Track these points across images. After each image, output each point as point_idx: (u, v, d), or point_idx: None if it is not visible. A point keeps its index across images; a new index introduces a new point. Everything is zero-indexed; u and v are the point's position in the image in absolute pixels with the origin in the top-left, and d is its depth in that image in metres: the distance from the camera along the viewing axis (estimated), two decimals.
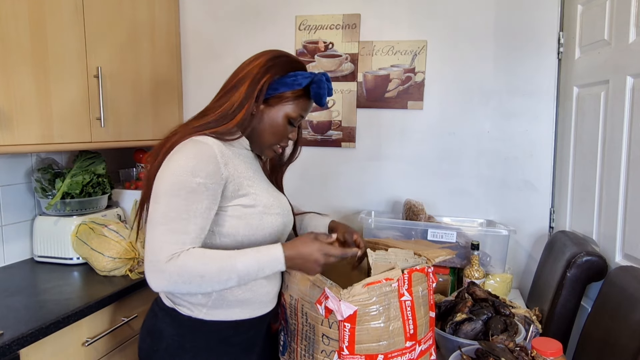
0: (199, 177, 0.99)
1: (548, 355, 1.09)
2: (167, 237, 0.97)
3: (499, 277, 1.77)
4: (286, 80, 1.11)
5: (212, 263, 0.98)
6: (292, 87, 1.11)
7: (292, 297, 1.17)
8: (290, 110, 1.13)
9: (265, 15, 2.25)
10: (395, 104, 2.14)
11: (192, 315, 1.10)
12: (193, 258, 0.97)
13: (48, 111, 1.55)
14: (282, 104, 1.12)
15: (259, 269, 1.00)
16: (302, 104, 1.14)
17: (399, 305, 1.05)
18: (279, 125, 1.13)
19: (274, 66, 1.11)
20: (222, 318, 1.11)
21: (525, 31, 2.00)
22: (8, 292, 1.45)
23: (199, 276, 0.97)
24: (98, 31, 1.74)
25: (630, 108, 1.46)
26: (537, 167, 2.04)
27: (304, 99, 1.14)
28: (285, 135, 1.16)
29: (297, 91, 1.12)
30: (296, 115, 1.14)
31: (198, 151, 1.01)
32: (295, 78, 1.11)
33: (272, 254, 1.02)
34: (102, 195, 1.85)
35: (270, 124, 1.13)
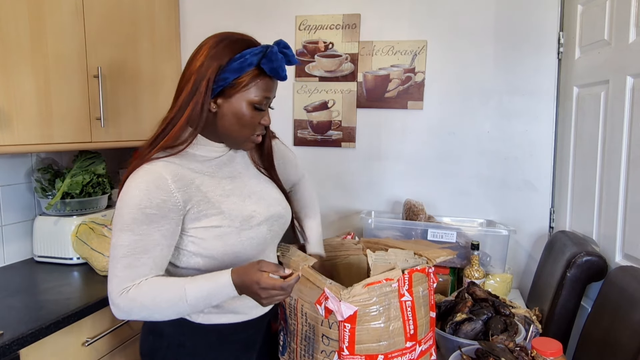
0: (149, 209, 0.95)
1: (548, 355, 1.09)
2: (120, 272, 0.97)
3: (499, 277, 1.77)
4: (234, 65, 0.98)
5: (161, 296, 0.97)
6: (242, 71, 0.99)
7: (292, 297, 1.17)
8: (251, 96, 1.01)
9: (265, 15, 2.25)
10: (395, 104, 2.14)
11: (189, 319, 1.09)
12: (142, 292, 0.97)
13: (48, 111, 1.55)
14: (239, 92, 1.00)
15: (209, 297, 0.96)
16: (262, 85, 1.01)
17: (399, 305, 1.05)
18: (245, 115, 1.02)
19: (217, 54, 0.99)
20: (220, 322, 1.10)
21: (525, 31, 2.00)
22: (8, 292, 1.45)
23: (148, 309, 0.97)
24: (98, 31, 1.74)
25: (630, 108, 1.46)
26: (537, 167, 2.04)
27: (262, 78, 1.01)
28: (255, 123, 1.04)
29: (251, 72, 0.99)
30: (260, 99, 1.02)
31: (147, 181, 0.96)
32: (243, 59, 0.98)
33: (220, 281, 0.96)
34: (102, 195, 1.85)
35: (235, 117, 1.02)
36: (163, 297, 0.97)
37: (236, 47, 1.01)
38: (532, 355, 1.10)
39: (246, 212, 1.07)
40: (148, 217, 0.95)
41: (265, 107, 1.06)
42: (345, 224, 2.24)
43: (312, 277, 1.10)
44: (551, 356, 1.09)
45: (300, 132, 2.26)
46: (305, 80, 2.23)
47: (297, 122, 2.26)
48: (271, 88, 1.05)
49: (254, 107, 1.02)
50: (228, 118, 1.03)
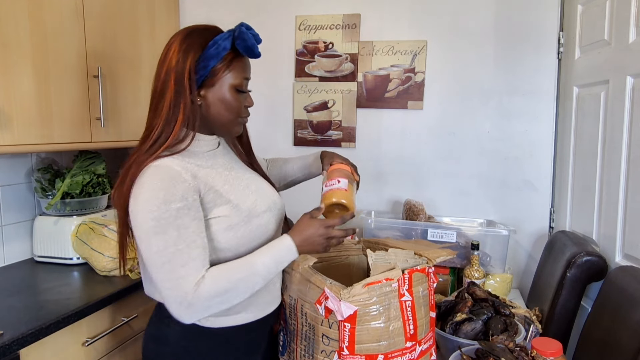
0: (174, 203, 0.94)
1: (548, 355, 1.09)
2: (178, 273, 0.94)
3: (499, 277, 1.77)
4: (210, 52, 1.01)
5: (234, 276, 0.98)
6: (219, 56, 1.01)
7: (292, 297, 1.17)
8: (232, 79, 1.04)
9: (265, 15, 2.25)
10: (395, 104, 2.14)
11: (198, 323, 1.07)
12: (214, 279, 0.96)
13: (48, 111, 1.55)
14: (221, 78, 1.03)
15: (278, 264, 1.03)
16: (239, 66, 1.05)
17: (399, 305, 1.05)
18: (230, 99, 1.05)
19: (189, 47, 1.01)
20: (228, 324, 1.09)
21: (525, 31, 2.00)
22: (8, 292, 1.45)
23: (226, 292, 0.97)
24: (98, 31, 1.74)
25: (630, 108, 1.46)
26: (537, 167, 2.04)
27: (237, 60, 1.04)
28: (240, 105, 1.08)
29: (227, 56, 1.02)
30: (240, 81, 1.05)
31: (161, 177, 0.95)
32: (217, 45, 1.01)
33: (284, 246, 1.03)
34: (102, 195, 1.85)
35: (221, 103, 1.05)
36: (236, 279, 0.98)
37: (206, 35, 1.03)
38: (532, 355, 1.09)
39: (249, 201, 1.08)
40: (177, 211, 0.94)
41: (246, 88, 1.09)
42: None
43: (313, 277, 1.10)
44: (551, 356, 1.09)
45: (300, 132, 2.26)
46: (305, 80, 2.23)
47: (297, 122, 2.26)
48: (248, 68, 1.08)
49: (236, 90, 1.05)
50: (215, 106, 1.05)
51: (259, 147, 2.44)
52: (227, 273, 0.98)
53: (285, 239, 1.04)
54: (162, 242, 0.94)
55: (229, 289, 0.98)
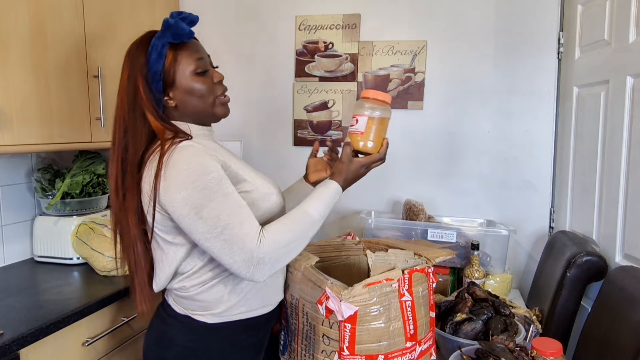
0: (212, 173, 0.96)
1: (548, 355, 1.09)
2: (239, 233, 0.95)
3: (499, 277, 1.77)
4: (152, 58, 1.02)
5: (292, 226, 1.02)
6: (162, 55, 1.02)
7: (293, 296, 1.17)
8: (186, 67, 1.04)
9: (265, 15, 2.25)
10: (395, 104, 2.14)
11: (207, 320, 1.07)
12: (274, 233, 0.99)
13: (48, 111, 1.55)
14: (176, 72, 1.04)
15: (328, 206, 1.08)
16: (185, 53, 1.05)
17: (400, 305, 1.05)
18: (197, 86, 1.05)
19: (133, 60, 1.03)
20: (237, 317, 1.09)
21: (525, 31, 2.00)
22: (8, 292, 1.45)
23: (289, 243, 1.00)
24: (98, 31, 1.74)
25: (630, 108, 1.46)
26: (537, 167, 2.04)
27: (180, 48, 1.05)
28: (210, 86, 1.08)
29: (169, 51, 1.03)
30: (195, 64, 1.05)
31: (192, 153, 0.97)
32: (154, 46, 1.02)
33: (333, 191, 1.09)
34: (102, 195, 1.85)
35: (190, 94, 1.06)
36: (295, 228, 1.02)
37: (143, 43, 1.05)
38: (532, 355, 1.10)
39: (262, 182, 1.11)
40: (217, 179, 0.96)
41: (207, 67, 1.09)
42: (345, 224, 2.24)
43: (314, 276, 1.10)
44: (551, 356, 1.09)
45: (300, 132, 2.26)
46: (305, 80, 2.23)
47: (297, 122, 2.26)
48: (196, 50, 1.08)
49: (197, 74, 1.06)
50: (187, 100, 1.06)
51: (259, 147, 2.45)
52: (285, 225, 1.01)
53: (331, 184, 1.10)
54: (214, 209, 0.95)
55: (291, 239, 1.00)
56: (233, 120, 2.36)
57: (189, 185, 0.94)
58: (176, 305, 1.11)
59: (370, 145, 1.16)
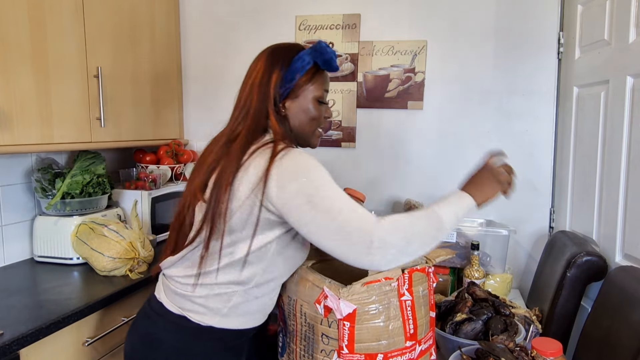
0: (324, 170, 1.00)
1: (548, 355, 1.09)
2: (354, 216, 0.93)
3: (499, 277, 1.77)
4: (295, 66, 1.08)
5: (415, 216, 0.97)
6: (304, 70, 1.09)
7: (291, 297, 1.17)
8: (315, 92, 1.11)
9: (265, 15, 2.25)
10: (395, 104, 2.14)
11: (202, 322, 1.06)
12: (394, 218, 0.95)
13: (48, 111, 1.55)
14: (304, 90, 1.10)
15: (458, 219, 1.02)
16: (320, 79, 1.12)
17: (399, 304, 1.05)
18: (313, 110, 1.11)
19: (275, 62, 1.09)
20: (232, 327, 1.08)
21: (525, 31, 2.00)
22: (8, 292, 1.45)
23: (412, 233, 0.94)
24: (98, 31, 1.74)
25: (630, 108, 1.46)
26: (537, 167, 2.04)
27: (318, 74, 1.12)
28: (321, 116, 1.14)
29: (310, 70, 1.09)
30: (321, 93, 1.13)
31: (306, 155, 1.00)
32: (302, 59, 1.09)
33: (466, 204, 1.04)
34: (102, 195, 1.85)
35: (304, 114, 1.11)
36: (417, 218, 0.97)
37: (291, 52, 1.11)
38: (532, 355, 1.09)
39: None
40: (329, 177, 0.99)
41: (325, 100, 1.16)
42: None
43: (311, 276, 1.10)
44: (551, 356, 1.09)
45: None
46: None
47: None
48: (327, 81, 1.16)
49: (318, 101, 1.12)
50: (298, 116, 1.11)
51: None
52: (408, 215, 0.97)
53: (465, 197, 1.05)
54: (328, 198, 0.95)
55: (414, 230, 0.94)
56: None
57: (303, 177, 0.96)
58: (172, 305, 1.09)
59: None
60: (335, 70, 1.13)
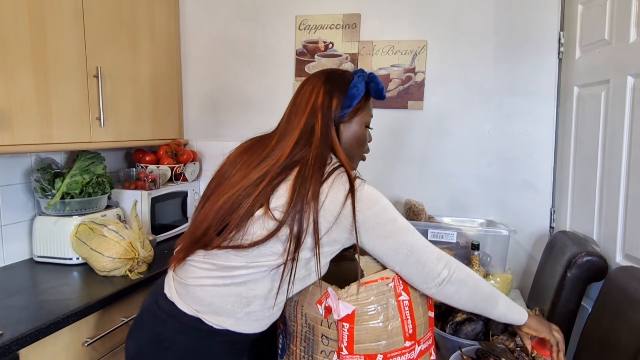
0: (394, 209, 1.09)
1: (548, 355, 1.09)
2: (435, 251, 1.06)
3: (499, 277, 1.76)
4: (352, 92, 1.14)
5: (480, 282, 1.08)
6: (359, 97, 1.14)
7: (291, 299, 1.17)
8: (365, 117, 1.18)
9: (265, 15, 2.25)
10: (395, 103, 2.14)
11: (215, 324, 1.04)
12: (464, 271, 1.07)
13: (48, 111, 1.55)
14: (357, 115, 1.16)
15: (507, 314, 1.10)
16: (368, 106, 1.19)
17: (397, 305, 1.05)
18: (362, 135, 1.18)
19: (334, 87, 1.14)
20: (242, 330, 1.07)
21: (525, 31, 2.00)
22: (8, 292, 1.45)
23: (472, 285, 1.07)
24: (98, 31, 1.74)
25: (630, 108, 1.46)
26: (537, 167, 2.04)
27: (368, 100, 1.19)
28: (367, 140, 1.22)
29: (363, 97, 1.16)
30: (369, 119, 1.20)
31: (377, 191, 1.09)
32: (357, 87, 1.15)
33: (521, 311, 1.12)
34: (101, 195, 1.85)
35: (355, 138, 1.17)
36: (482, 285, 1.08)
37: (348, 77, 1.17)
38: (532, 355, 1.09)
39: None
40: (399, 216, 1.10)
41: (370, 125, 1.22)
42: None
43: None
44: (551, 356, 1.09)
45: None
46: None
47: None
48: (372, 108, 1.23)
49: (365, 127, 1.19)
50: (350, 139, 1.17)
51: None
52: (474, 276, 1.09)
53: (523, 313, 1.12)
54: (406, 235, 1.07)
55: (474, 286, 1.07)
56: (232, 120, 2.36)
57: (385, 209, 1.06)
58: (185, 305, 1.06)
59: None
60: (383, 99, 1.21)
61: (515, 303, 1.13)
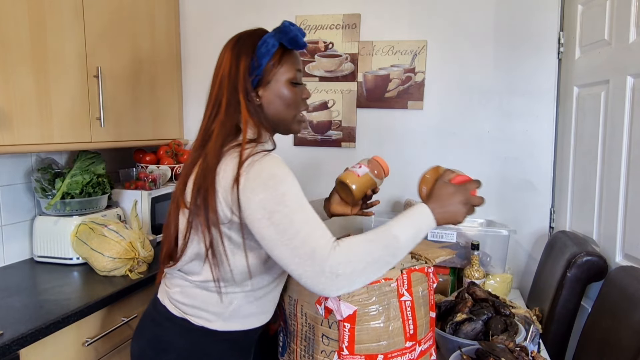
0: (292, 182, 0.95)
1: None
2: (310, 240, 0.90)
3: (499, 277, 1.77)
4: (261, 51, 1.03)
5: (370, 242, 0.93)
6: (270, 53, 1.03)
7: (292, 297, 1.17)
8: (286, 74, 1.06)
9: (265, 15, 2.25)
10: (395, 104, 2.14)
11: (206, 325, 1.05)
12: (350, 243, 0.92)
13: (48, 111, 1.55)
14: (275, 74, 1.05)
15: (416, 234, 0.96)
16: (289, 60, 1.06)
17: (399, 305, 1.05)
18: (287, 93, 1.06)
19: (240, 51, 1.04)
20: (236, 328, 1.08)
21: (525, 31, 2.00)
22: (8, 292, 1.45)
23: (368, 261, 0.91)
24: (98, 31, 1.74)
25: (630, 108, 1.46)
26: (537, 167, 2.04)
27: (287, 54, 1.06)
28: (299, 99, 1.09)
29: (276, 52, 1.04)
30: (294, 74, 1.07)
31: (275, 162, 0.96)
32: (266, 42, 1.03)
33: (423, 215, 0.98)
34: (102, 195, 1.85)
35: (280, 99, 1.06)
36: (373, 244, 0.93)
37: (254, 38, 1.05)
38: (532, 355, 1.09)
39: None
40: (296, 190, 0.95)
41: (301, 80, 1.10)
42: (345, 224, 2.23)
43: None
44: None
45: (300, 132, 2.26)
46: (305, 80, 2.23)
47: None
48: (298, 61, 1.10)
49: (291, 84, 1.07)
50: (274, 103, 1.06)
51: None
52: (361, 240, 0.93)
53: (423, 208, 0.98)
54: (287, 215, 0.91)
55: (369, 258, 0.91)
56: None
57: (268, 189, 0.91)
58: (173, 307, 1.08)
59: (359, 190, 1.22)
60: (302, 47, 1.06)
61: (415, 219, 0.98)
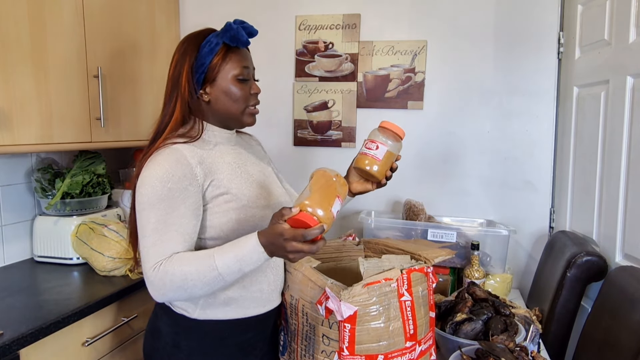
0: (170, 183, 1.00)
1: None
2: (151, 249, 1.00)
3: (499, 277, 1.77)
4: (204, 51, 1.08)
5: (191, 265, 0.97)
6: (213, 52, 1.08)
7: (293, 297, 1.17)
8: (232, 70, 1.09)
9: (265, 15, 2.25)
10: (395, 104, 2.14)
11: (186, 314, 1.10)
12: (172, 264, 0.98)
13: (48, 111, 1.55)
14: (220, 72, 1.09)
15: (240, 262, 0.95)
16: (235, 57, 1.10)
17: (399, 305, 1.05)
18: (233, 89, 1.10)
19: (185, 51, 1.10)
20: (216, 317, 1.10)
21: (525, 31, 2.00)
22: (8, 292, 1.45)
23: (182, 280, 0.97)
24: (98, 31, 1.74)
25: (630, 108, 1.46)
26: (537, 167, 2.04)
27: (231, 52, 1.10)
28: (246, 94, 1.13)
29: (220, 50, 1.08)
30: (240, 70, 1.10)
31: (167, 159, 1.02)
32: (209, 41, 1.08)
33: (249, 245, 0.94)
34: (102, 195, 1.85)
35: (226, 95, 1.10)
36: (194, 268, 0.97)
37: (199, 38, 1.10)
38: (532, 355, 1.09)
39: (251, 193, 1.11)
40: (171, 191, 1.00)
41: (249, 76, 1.14)
42: (345, 224, 2.24)
43: (314, 276, 1.10)
44: None
45: (300, 132, 2.26)
46: (305, 80, 2.23)
47: (297, 122, 2.26)
48: (245, 58, 1.13)
49: (238, 80, 1.11)
50: (221, 99, 1.11)
51: None
52: (185, 263, 0.98)
53: (251, 239, 0.95)
54: (149, 216, 1.00)
55: (183, 279, 0.96)
56: None
57: (144, 185, 1.01)
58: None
59: (377, 170, 1.15)
60: (245, 43, 1.11)
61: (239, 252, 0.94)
